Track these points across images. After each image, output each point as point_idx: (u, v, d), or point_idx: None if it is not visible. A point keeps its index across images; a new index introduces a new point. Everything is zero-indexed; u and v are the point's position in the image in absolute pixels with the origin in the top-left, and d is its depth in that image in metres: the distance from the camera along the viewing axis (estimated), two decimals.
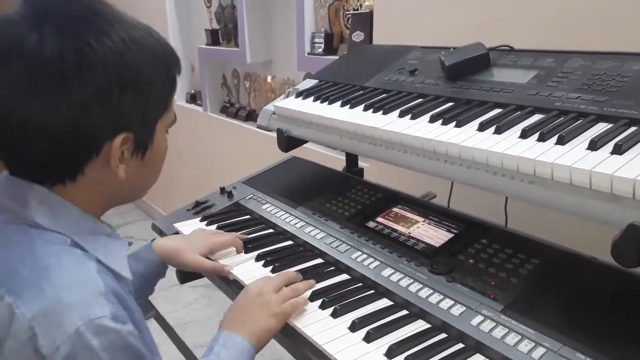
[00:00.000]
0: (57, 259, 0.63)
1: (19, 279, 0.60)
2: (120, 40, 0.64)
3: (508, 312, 0.74)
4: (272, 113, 1.22)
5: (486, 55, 1.01)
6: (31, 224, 0.65)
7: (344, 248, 0.99)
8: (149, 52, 0.68)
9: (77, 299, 0.59)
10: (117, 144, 0.66)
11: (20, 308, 0.58)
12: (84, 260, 0.65)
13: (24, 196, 0.66)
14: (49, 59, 0.60)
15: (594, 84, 0.84)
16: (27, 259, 0.62)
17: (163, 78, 0.71)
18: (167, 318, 2.60)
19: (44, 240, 0.64)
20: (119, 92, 0.65)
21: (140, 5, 3.33)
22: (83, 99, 0.62)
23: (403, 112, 0.95)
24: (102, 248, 0.69)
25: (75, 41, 0.61)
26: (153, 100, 0.70)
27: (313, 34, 1.99)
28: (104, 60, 0.63)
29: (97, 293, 0.61)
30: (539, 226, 1.02)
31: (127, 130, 0.67)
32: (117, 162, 0.68)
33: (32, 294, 0.59)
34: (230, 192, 1.30)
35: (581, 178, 0.65)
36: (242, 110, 2.70)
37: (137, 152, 0.70)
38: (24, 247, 0.64)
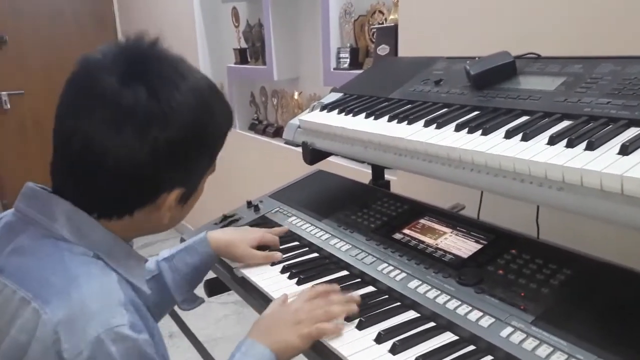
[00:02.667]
0: (86, 268, 0.67)
1: (49, 287, 0.63)
2: (199, 105, 0.70)
3: (539, 324, 0.72)
4: (297, 127, 1.23)
5: (512, 64, 1.00)
6: (58, 237, 0.69)
7: (369, 260, 0.98)
8: (214, 114, 0.74)
9: (100, 307, 0.62)
10: (172, 197, 0.72)
11: (47, 313, 0.61)
12: (107, 271, 0.69)
13: (52, 210, 0.70)
14: (137, 111, 0.65)
15: (625, 89, 0.81)
16: (57, 269, 0.66)
17: (222, 138, 0.77)
18: (197, 334, 2.61)
19: (73, 252, 0.68)
20: (189, 150, 0.70)
21: (170, 27, 3.43)
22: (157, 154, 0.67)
23: (428, 122, 0.94)
24: (122, 263, 0.72)
25: (163, 100, 0.66)
26: (206, 158, 0.76)
27: (339, 49, 2.01)
28: (185, 124, 0.68)
29: (118, 302, 0.64)
30: (572, 238, 0.99)
31: (183, 185, 0.73)
32: (166, 212, 0.73)
33: (60, 300, 0.62)
34: (256, 205, 1.31)
35: (612, 183, 0.63)
36: (270, 127, 2.73)
37: (183, 201, 0.76)
38: (55, 258, 0.67)
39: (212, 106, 0.73)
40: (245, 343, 0.80)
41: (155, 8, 3.65)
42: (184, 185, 0.73)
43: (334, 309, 0.83)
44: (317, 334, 0.81)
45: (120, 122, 0.65)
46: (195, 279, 1.06)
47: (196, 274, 1.05)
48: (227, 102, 0.78)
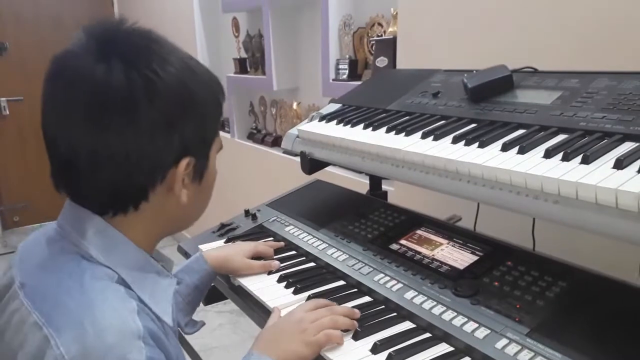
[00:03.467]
0: (102, 296, 0.62)
1: (61, 312, 0.60)
2: (181, 68, 0.67)
3: (534, 336, 0.72)
4: (295, 137, 1.24)
5: (509, 77, 1.01)
6: (85, 254, 0.66)
7: (366, 270, 0.99)
8: (203, 79, 0.71)
9: (116, 340, 0.58)
10: (181, 169, 0.68)
11: (59, 348, 0.57)
12: (126, 299, 0.64)
13: (82, 225, 0.67)
14: (118, 89, 0.62)
15: (620, 104, 0.82)
16: (73, 292, 0.62)
17: (214, 104, 0.73)
18: (193, 343, 2.59)
19: (93, 274, 0.64)
20: (181, 118, 0.66)
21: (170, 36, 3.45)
22: (151, 125, 0.64)
23: (425, 134, 0.95)
24: (149, 287, 0.69)
25: (142, 70, 0.63)
26: (208, 125, 0.72)
27: (338, 61, 2.02)
28: (169, 87, 0.64)
29: (135, 336, 0.60)
30: (568, 250, 1.00)
31: (189, 154, 0.68)
32: (181, 187, 0.69)
33: (74, 332, 0.58)
34: (254, 214, 1.32)
35: (607, 197, 0.64)
36: (268, 137, 2.74)
37: (196, 177, 0.72)
38: (73, 280, 0.63)
39: (194, 70, 0.70)
40: (253, 356, 0.78)
41: (156, 17, 3.68)
42: (190, 153, 0.68)
43: (339, 317, 0.83)
44: (324, 340, 0.79)
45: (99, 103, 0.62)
46: (195, 300, 1.04)
47: (196, 294, 1.04)
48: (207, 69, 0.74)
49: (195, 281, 1.03)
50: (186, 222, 0.78)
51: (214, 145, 0.75)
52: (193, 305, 1.05)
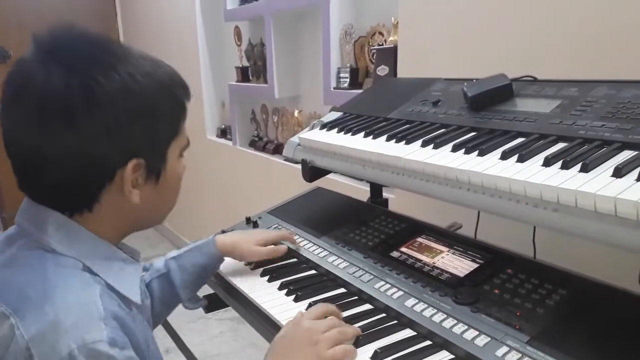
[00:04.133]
0: (64, 281, 0.65)
1: (26, 300, 0.62)
2: (127, 74, 0.67)
3: (534, 343, 0.72)
4: (297, 144, 1.25)
5: (509, 86, 1.02)
6: (47, 249, 0.68)
7: (367, 278, 0.99)
8: (155, 82, 0.71)
9: (75, 322, 0.60)
10: (128, 171, 0.69)
11: (20, 329, 0.59)
12: (89, 283, 0.66)
13: (43, 221, 0.69)
14: (56, 95, 0.64)
15: (619, 112, 0.83)
16: (37, 281, 0.64)
17: (170, 105, 0.74)
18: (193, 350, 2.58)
19: (57, 264, 0.67)
20: (126, 123, 0.67)
21: (173, 45, 3.47)
22: (91, 132, 0.65)
23: (426, 142, 0.96)
24: (114, 272, 0.71)
25: (83, 77, 0.64)
26: (161, 127, 0.72)
27: (339, 69, 2.04)
28: (111, 95, 0.65)
29: (96, 317, 0.62)
30: (569, 258, 1.00)
31: (137, 156, 0.69)
32: (130, 188, 0.70)
33: (34, 315, 0.61)
34: (255, 222, 1.32)
35: (606, 205, 0.64)
36: (270, 144, 2.75)
37: (150, 178, 0.73)
38: (37, 270, 0.66)
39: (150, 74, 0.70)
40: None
41: (159, 26, 3.70)
42: (139, 155, 0.69)
43: (348, 329, 0.82)
44: (341, 356, 0.77)
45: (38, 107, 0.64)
46: (200, 279, 1.08)
47: (202, 274, 1.07)
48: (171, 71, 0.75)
49: (202, 262, 1.06)
50: (153, 219, 0.80)
51: (174, 145, 0.76)
52: (197, 284, 1.08)
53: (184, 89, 0.77)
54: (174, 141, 0.76)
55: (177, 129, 0.76)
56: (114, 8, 4.40)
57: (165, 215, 0.82)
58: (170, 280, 1.03)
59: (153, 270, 1.05)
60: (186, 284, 1.05)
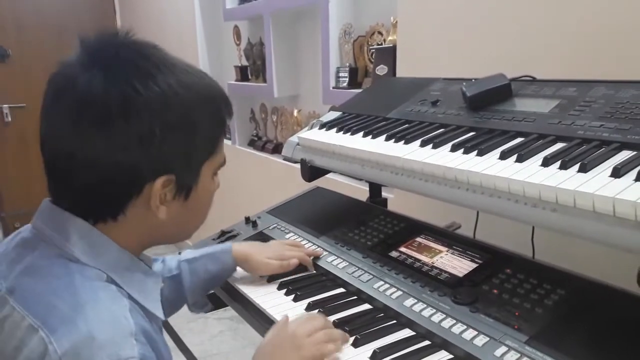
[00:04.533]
0: (94, 295, 0.63)
1: (56, 313, 0.61)
2: (167, 85, 0.66)
3: (533, 343, 0.72)
4: (296, 144, 1.25)
5: (508, 86, 1.02)
6: (71, 258, 0.66)
7: (366, 277, 0.99)
8: (196, 96, 0.69)
9: (109, 337, 0.59)
10: (157, 186, 0.67)
11: (53, 344, 0.58)
12: (118, 297, 0.65)
13: (66, 228, 0.67)
14: (94, 99, 0.63)
15: (617, 112, 0.83)
16: (65, 294, 0.63)
17: (210, 122, 0.72)
18: (193, 350, 2.59)
19: (83, 275, 0.65)
20: (161, 136, 0.65)
21: (173, 44, 3.47)
22: (123, 140, 0.64)
23: (424, 142, 0.96)
24: (136, 285, 0.70)
25: (122, 85, 0.63)
26: (198, 144, 0.70)
27: (338, 69, 2.04)
28: (148, 105, 0.64)
29: (128, 333, 0.61)
30: (567, 258, 1.00)
31: (169, 172, 0.67)
32: (158, 203, 0.68)
33: (67, 329, 0.59)
34: (254, 221, 1.32)
35: (604, 205, 0.64)
36: (269, 143, 2.75)
37: (179, 194, 0.71)
38: (64, 282, 0.64)
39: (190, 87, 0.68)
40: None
41: (158, 25, 3.70)
42: (170, 172, 0.68)
43: (334, 331, 0.83)
44: (320, 355, 0.79)
45: (76, 110, 0.64)
46: (210, 286, 1.08)
47: (213, 281, 1.07)
48: (214, 84, 0.73)
49: (214, 269, 1.05)
50: (176, 236, 0.78)
51: (210, 163, 0.74)
52: (206, 289, 1.08)
53: (227, 105, 0.74)
54: (210, 159, 0.73)
55: (215, 146, 0.74)
56: (112, 7, 4.39)
57: (193, 232, 0.79)
58: (180, 282, 1.02)
59: (165, 270, 1.03)
60: (195, 287, 1.04)
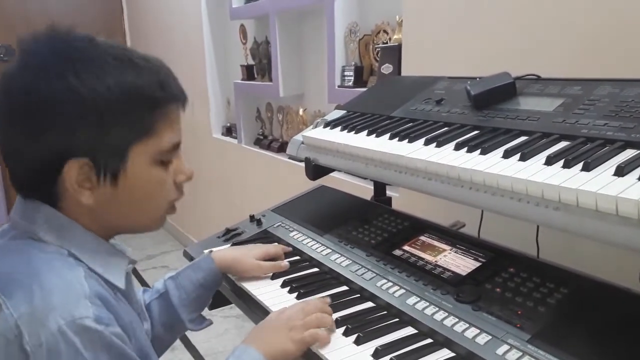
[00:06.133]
0: (48, 264, 0.68)
1: (12, 282, 0.65)
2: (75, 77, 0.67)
3: (535, 342, 0.72)
4: (300, 143, 1.25)
5: (512, 85, 1.02)
6: (35, 238, 0.71)
7: (369, 276, 0.99)
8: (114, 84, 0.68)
9: (62, 300, 0.63)
10: (68, 169, 0.69)
11: (9, 308, 0.62)
12: (73, 266, 0.70)
13: (32, 214, 0.72)
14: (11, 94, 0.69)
15: (622, 111, 0.83)
16: (22, 265, 0.67)
17: (131, 106, 0.70)
18: (199, 347, 2.61)
19: (42, 250, 0.70)
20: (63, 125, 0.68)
21: (179, 42, 3.48)
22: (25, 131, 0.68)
23: (428, 140, 0.96)
24: (99, 261, 0.74)
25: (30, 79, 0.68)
26: (114, 129, 0.69)
27: (343, 67, 2.04)
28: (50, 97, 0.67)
29: (81, 296, 0.65)
30: (572, 257, 1.00)
31: (76, 156, 0.69)
32: (76, 187, 0.70)
33: (22, 295, 0.63)
34: (259, 219, 1.33)
35: (607, 204, 0.64)
36: (274, 142, 2.76)
37: (104, 179, 0.71)
38: (22, 256, 0.69)
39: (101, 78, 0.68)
40: (239, 348, 0.81)
41: (165, 24, 3.71)
42: (79, 155, 0.68)
43: (327, 317, 0.86)
44: (310, 339, 0.82)
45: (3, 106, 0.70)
46: (201, 298, 1.06)
47: (202, 292, 1.05)
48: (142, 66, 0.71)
49: (200, 279, 1.04)
50: (132, 225, 0.79)
51: (142, 147, 0.72)
52: (200, 303, 1.06)
53: (164, 89, 0.73)
54: (139, 144, 0.72)
55: (147, 130, 0.72)
56: (120, 7, 4.42)
57: (148, 222, 0.80)
58: (169, 299, 1.02)
59: (153, 292, 1.05)
60: (185, 302, 1.03)
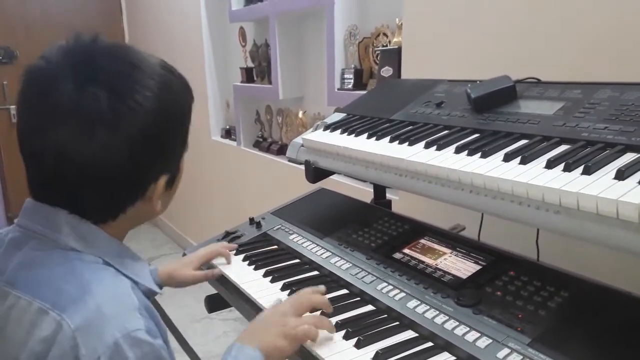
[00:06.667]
0: (97, 275, 0.67)
1: (63, 295, 0.64)
2: (157, 89, 0.69)
3: (535, 345, 0.72)
4: (300, 145, 1.25)
5: (512, 88, 1.02)
6: (66, 247, 0.69)
7: (369, 279, 0.99)
8: (177, 93, 0.73)
9: (116, 312, 0.63)
10: (160, 185, 0.73)
11: (65, 320, 0.61)
12: (119, 276, 0.70)
13: (55, 222, 0.69)
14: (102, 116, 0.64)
15: (622, 115, 0.83)
16: (69, 277, 0.66)
17: (189, 115, 0.77)
18: (197, 350, 2.59)
19: (83, 260, 0.68)
20: (163, 136, 0.71)
21: (178, 44, 3.48)
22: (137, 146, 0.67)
23: (429, 144, 0.96)
24: (129, 267, 0.73)
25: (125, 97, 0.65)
26: (183, 139, 0.77)
27: (343, 70, 2.04)
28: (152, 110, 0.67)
29: (132, 308, 0.65)
30: (572, 260, 1.00)
31: (168, 172, 0.74)
32: (159, 199, 0.74)
33: (76, 307, 0.62)
34: (259, 222, 1.32)
35: (608, 208, 0.64)
36: (274, 145, 2.75)
37: (169, 186, 0.77)
38: (66, 267, 0.67)
39: (171, 86, 0.72)
40: (234, 346, 0.81)
41: (164, 25, 3.71)
42: (168, 170, 0.74)
43: (323, 318, 0.87)
44: (302, 336, 0.83)
45: (89, 128, 0.64)
46: None
47: None
48: (181, 76, 0.76)
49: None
50: (152, 217, 0.82)
51: (184, 150, 0.79)
52: None
53: (190, 91, 0.78)
54: (185, 148, 0.79)
55: (187, 135, 0.78)
56: (119, 8, 4.42)
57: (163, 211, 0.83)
58: None
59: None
60: None
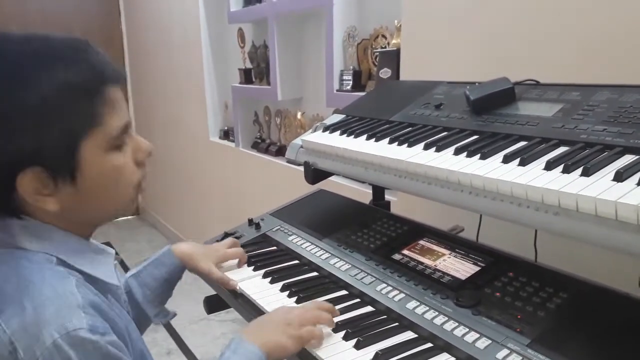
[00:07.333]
0: (40, 275, 0.66)
1: (3, 296, 0.64)
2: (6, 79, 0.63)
3: (534, 346, 0.72)
4: (299, 147, 1.25)
5: (511, 90, 1.02)
6: (18, 247, 0.69)
7: (368, 280, 0.99)
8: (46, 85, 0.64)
9: (55, 312, 0.62)
10: (20, 182, 0.65)
11: (1, 325, 0.61)
12: (64, 276, 0.68)
13: (8, 226, 0.69)
14: None
15: (621, 117, 0.83)
16: (12, 277, 0.65)
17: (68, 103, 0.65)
18: (195, 352, 2.60)
19: (30, 260, 0.68)
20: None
21: (177, 45, 3.48)
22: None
23: (428, 145, 0.96)
24: (88, 261, 0.72)
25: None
26: (57, 130, 0.65)
27: (342, 72, 2.04)
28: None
29: (74, 306, 0.63)
30: (570, 261, 1.00)
31: (26, 167, 0.65)
32: (34, 197, 0.67)
33: (13, 310, 0.62)
34: (258, 223, 1.32)
35: (607, 209, 0.65)
36: (272, 146, 2.76)
37: (62, 182, 0.67)
38: (10, 267, 0.67)
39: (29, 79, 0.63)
40: (234, 341, 0.80)
41: (163, 27, 3.71)
42: (32, 163, 0.65)
43: (324, 315, 0.87)
44: (306, 336, 0.83)
45: None
46: (165, 292, 1.06)
47: (165, 287, 1.05)
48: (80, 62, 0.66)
49: (163, 274, 1.04)
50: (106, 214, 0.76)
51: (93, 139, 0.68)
52: (163, 298, 1.06)
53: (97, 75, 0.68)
54: (87, 138, 0.67)
55: (87, 124, 0.67)
56: (117, 8, 4.42)
57: (122, 208, 0.76)
58: (133, 297, 1.01)
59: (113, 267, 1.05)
60: (149, 299, 1.03)
